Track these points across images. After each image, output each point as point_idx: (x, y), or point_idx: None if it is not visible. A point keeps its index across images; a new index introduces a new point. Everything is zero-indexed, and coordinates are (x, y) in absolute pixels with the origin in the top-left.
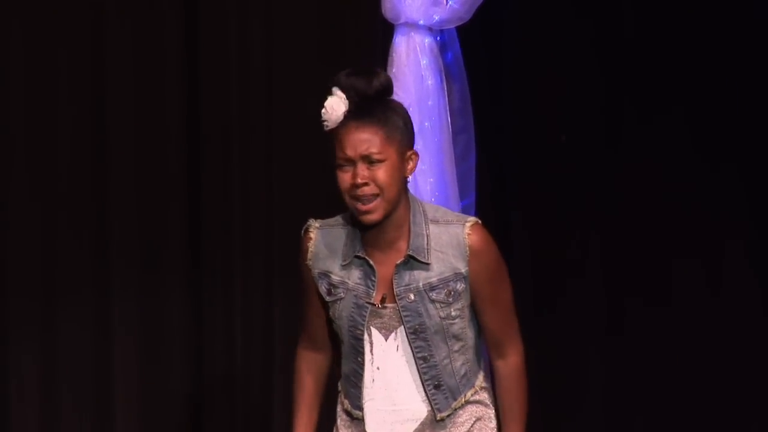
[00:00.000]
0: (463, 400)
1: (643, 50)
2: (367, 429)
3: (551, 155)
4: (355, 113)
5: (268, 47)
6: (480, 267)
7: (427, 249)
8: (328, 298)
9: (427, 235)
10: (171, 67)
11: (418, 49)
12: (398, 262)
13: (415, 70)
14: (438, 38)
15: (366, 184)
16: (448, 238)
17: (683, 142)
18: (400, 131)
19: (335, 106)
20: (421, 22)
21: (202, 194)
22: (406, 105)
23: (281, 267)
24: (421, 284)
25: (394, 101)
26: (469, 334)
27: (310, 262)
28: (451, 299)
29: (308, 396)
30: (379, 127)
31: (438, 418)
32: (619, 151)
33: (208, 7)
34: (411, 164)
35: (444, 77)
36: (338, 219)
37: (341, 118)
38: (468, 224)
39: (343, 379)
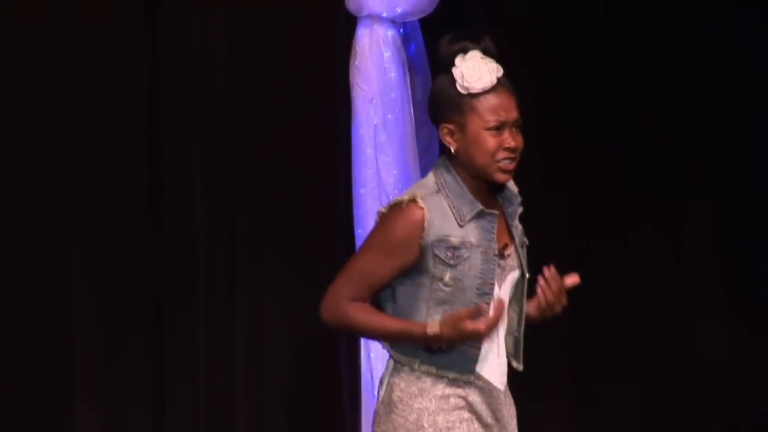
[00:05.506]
0: None
1: (609, 33)
2: (492, 382)
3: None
4: (501, 79)
5: (230, 39)
6: None
7: None
8: (451, 262)
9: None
10: (133, 65)
11: (381, 41)
12: (520, 211)
13: (378, 63)
14: (401, 31)
15: (517, 147)
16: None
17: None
18: None
19: (489, 70)
20: (384, 15)
21: (163, 198)
22: (368, 98)
23: (243, 278)
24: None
25: None
26: None
27: (425, 232)
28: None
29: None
30: (515, 94)
31: (521, 370)
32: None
33: (170, 2)
34: None
35: (407, 70)
36: (426, 189)
37: (494, 82)
38: None
39: (444, 352)
